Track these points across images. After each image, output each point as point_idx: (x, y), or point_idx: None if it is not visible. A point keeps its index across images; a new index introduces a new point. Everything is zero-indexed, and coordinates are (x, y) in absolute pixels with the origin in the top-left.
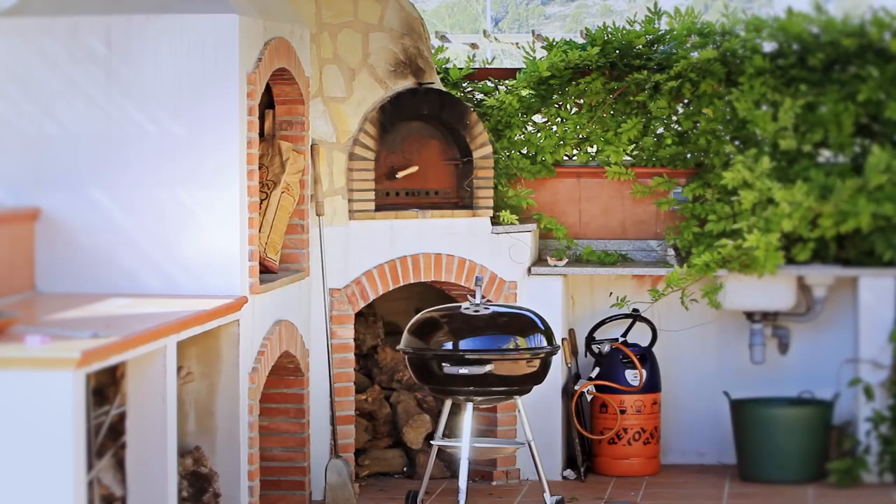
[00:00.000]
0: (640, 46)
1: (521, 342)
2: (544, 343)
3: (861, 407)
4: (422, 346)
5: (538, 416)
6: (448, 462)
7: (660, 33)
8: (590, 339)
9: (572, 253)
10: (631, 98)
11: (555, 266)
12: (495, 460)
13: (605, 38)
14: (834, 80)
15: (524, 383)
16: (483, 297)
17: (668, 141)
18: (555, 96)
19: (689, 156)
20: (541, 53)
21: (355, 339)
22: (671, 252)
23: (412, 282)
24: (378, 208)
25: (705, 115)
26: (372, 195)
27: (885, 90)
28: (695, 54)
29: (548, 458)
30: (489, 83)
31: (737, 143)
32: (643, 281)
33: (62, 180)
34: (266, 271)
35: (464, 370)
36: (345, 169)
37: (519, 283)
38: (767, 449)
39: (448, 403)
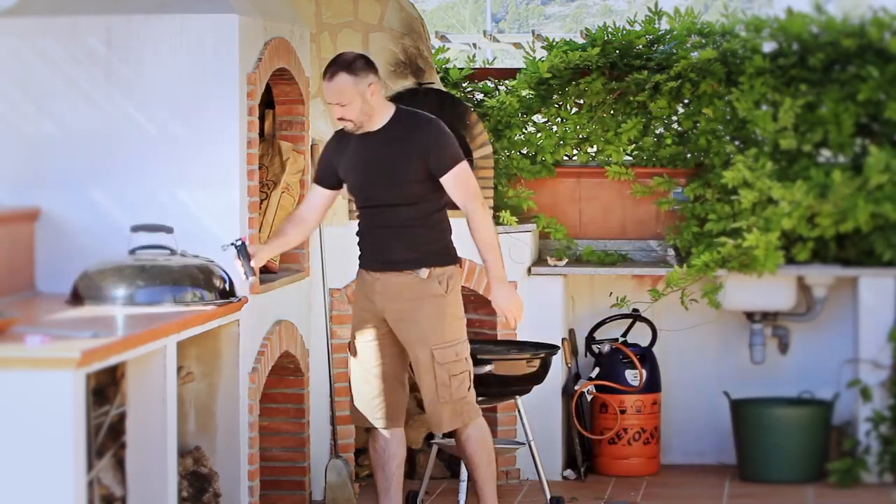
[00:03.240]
0: (640, 46)
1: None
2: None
3: (861, 407)
4: None
5: (538, 416)
6: (448, 462)
7: (660, 33)
8: (590, 339)
9: (572, 253)
10: (631, 98)
11: (555, 266)
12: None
13: (606, 38)
14: (834, 80)
15: (524, 383)
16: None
17: (668, 141)
18: (555, 96)
19: (689, 156)
20: (541, 53)
21: None
22: (671, 252)
23: None
24: None
25: (705, 115)
26: None
27: (885, 90)
28: (695, 54)
29: (548, 458)
30: (489, 83)
31: (737, 143)
32: (643, 281)
33: (62, 180)
34: (266, 271)
35: None
36: None
37: (519, 283)
38: (767, 449)
39: None
